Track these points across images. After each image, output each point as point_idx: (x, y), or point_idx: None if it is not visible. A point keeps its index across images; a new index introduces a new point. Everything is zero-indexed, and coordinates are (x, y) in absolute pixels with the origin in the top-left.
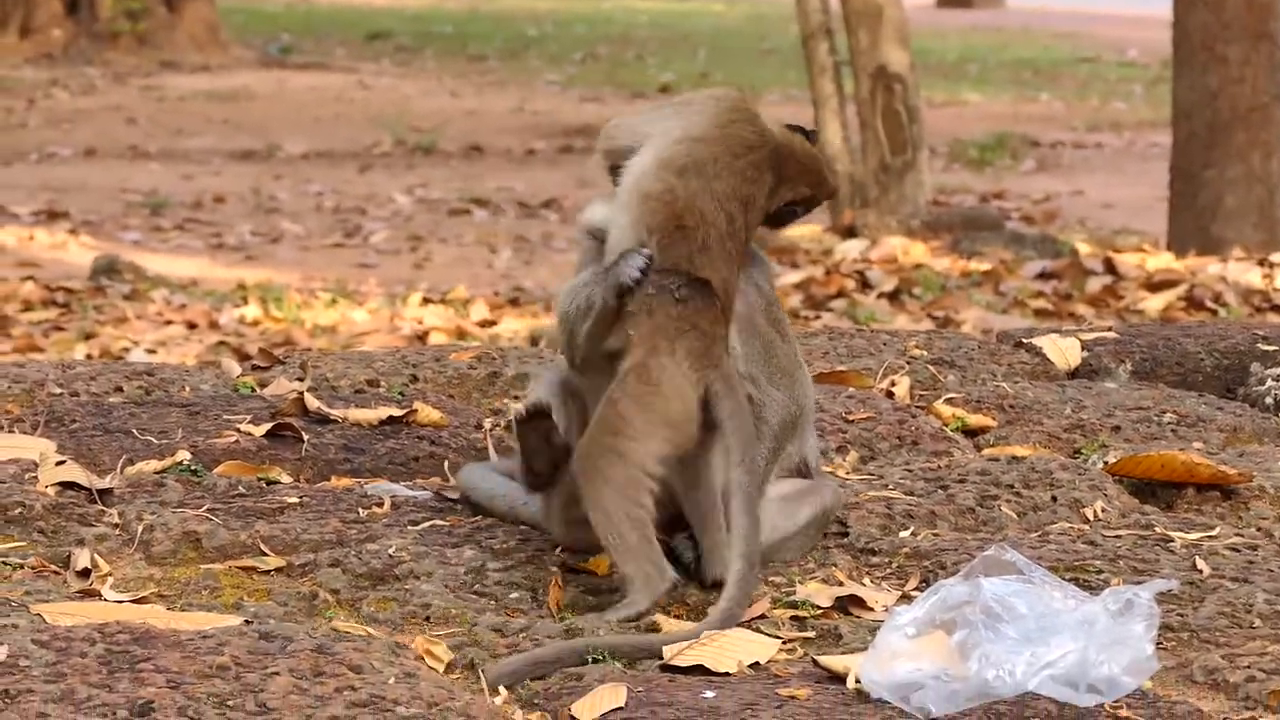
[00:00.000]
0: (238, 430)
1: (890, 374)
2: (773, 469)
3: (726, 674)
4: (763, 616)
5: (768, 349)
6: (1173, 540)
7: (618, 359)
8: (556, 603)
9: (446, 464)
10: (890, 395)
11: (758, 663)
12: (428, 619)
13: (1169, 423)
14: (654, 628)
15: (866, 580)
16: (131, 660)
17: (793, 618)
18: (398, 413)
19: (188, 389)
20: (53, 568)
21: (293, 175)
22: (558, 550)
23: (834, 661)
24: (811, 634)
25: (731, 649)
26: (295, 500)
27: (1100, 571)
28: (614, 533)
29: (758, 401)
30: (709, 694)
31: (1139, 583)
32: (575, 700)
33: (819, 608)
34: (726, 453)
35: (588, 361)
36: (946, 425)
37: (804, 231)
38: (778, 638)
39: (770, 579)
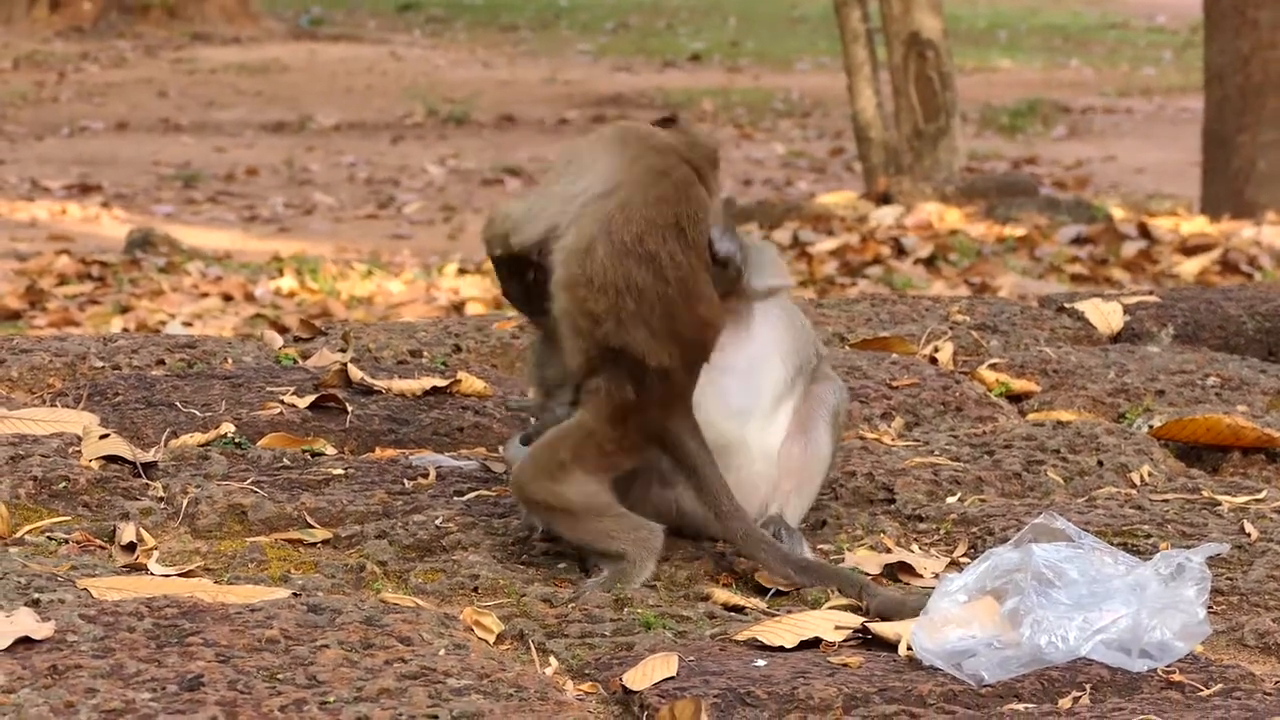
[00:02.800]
0: (281, 402)
1: (933, 340)
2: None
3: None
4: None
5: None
6: (1220, 504)
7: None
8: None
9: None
10: (934, 361)
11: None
12: (476, 590)
13: (1212, 386)
14: (705, 596)
15: (915, 547)
16: (180, 634)
17: None
18: (441, 383)
19: (230, 361)
20: (98, 542)
21: (325, 147)
22: None
23: (885, 629)
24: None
25: (793, 624)
26: (340, 472)
27: (1149, 536)
28: (592, 543)
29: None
30: (760, 663)
31: (1188, 547)
32: (626, 670)
33: (868, 575)
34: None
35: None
36: (990, 391)
37: (839, 198)
38: (829, 605)
39: (819, 546)
